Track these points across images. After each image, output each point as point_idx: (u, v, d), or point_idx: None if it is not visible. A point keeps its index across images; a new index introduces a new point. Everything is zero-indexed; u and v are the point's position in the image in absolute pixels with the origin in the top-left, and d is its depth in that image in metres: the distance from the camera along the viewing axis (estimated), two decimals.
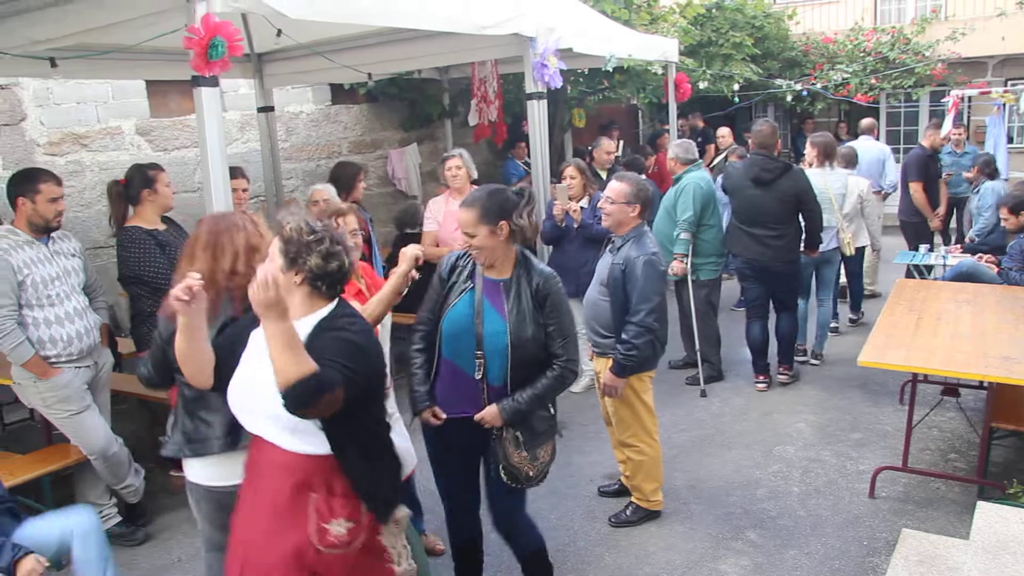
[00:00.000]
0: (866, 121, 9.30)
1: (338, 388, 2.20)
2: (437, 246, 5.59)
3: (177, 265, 2.79)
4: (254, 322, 2.42)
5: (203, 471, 2.84)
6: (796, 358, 6.43)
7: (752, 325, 6.10)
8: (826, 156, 6.49)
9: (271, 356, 2.17)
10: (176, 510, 4.48)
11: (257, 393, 2.38)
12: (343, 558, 2.37)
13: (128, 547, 4.18)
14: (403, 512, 2.59)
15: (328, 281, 2.44)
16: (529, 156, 6.23)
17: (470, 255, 3.13)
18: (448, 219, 5.51)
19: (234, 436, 2.76)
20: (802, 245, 5.95)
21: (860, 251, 7.22)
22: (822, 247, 6.15)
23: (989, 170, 7.85)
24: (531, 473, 3.09)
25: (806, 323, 6.61)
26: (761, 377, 6.12)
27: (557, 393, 3.14)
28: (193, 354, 2.48)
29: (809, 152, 6.58)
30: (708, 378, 6.18)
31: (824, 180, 6.31)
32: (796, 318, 6.28)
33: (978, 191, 7.75)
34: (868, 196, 6.99)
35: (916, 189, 7.85)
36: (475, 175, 5.66)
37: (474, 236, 3.00)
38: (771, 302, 6.13)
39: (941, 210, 8.37)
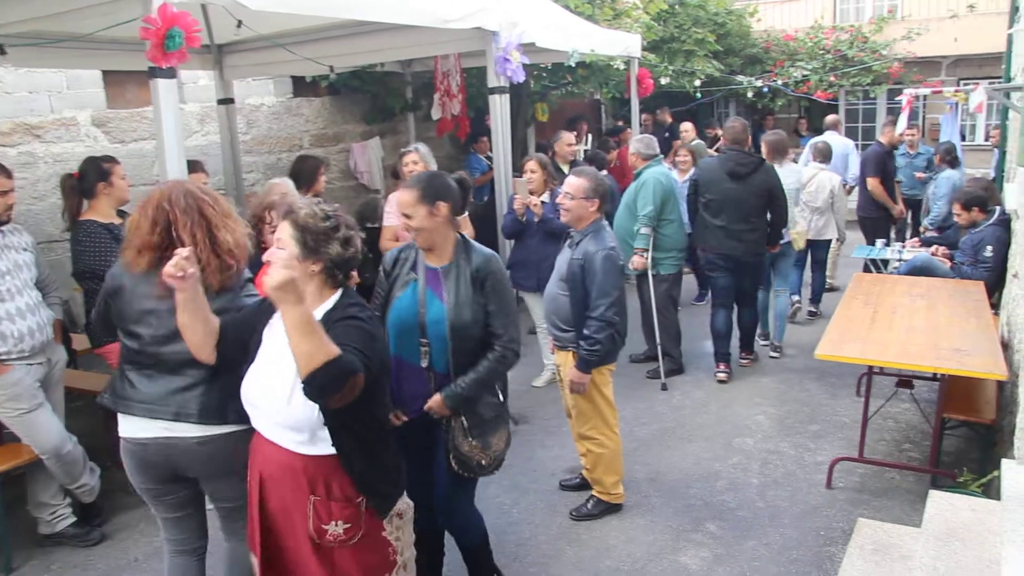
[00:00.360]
0: (830, 117, 9.66)
1: (360, 373, 2.16)
2: (397, 240, 5.56)
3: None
4: (267, 310, 2.43)
5: (125, 424, 2.86)
6: (762, 342, 6.74)
7: (718, 315, 6.23)
8: (776, 153, 6.63)
9: (291, 343, 2.08)
10: (133, 509, 4.40)
11: (278, 401, 2.36)
12: (343, 548, 2.42)
13: (83, 548, 4.10)
14: (406, 504, 2.59)
15: (345, 269, 2.44)
16: (491, 150, 6.22)
17: (412, 245, 3.15)
18: None
19: (163, 407, 2.76)
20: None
21: (827, 243, 7.55)
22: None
23: (950, 158, 8.05)
24: (484, 461, 3.09)
25: (767, 313, 6.86)
26: (722, 366, 6.23)
27: (500, 375, 3.14)
28: (194, 327, 2.48)
29: (763, 150, 6.68)
30: (669, 371, 6.23)
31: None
32: (757, 309, 6.47)
33: (935, 179, 7.94)
34: (838, 191, 7.30)
35: (874, 184, 7.99)
36: (435, 169, 5.62)
37: (412, 217, 3.01)
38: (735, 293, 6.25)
39: (900, 204, 8.53)
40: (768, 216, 6.04)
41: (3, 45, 4.65)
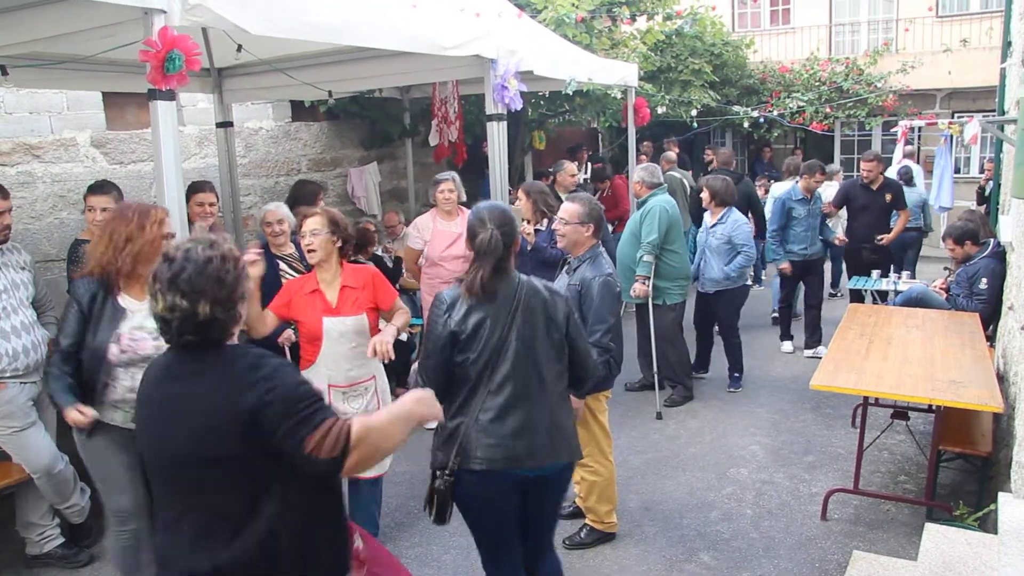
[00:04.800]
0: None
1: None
2: (416, 263, 5.73)
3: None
4: None
5: None
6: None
7: None
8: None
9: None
10: None
11: None
12: None
13: (71, 569, 4.06)
14: None
15: (201, 333, 2.02)
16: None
17: None
18: (437, 238, 5.61)
19: None
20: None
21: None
22: None
23: (907, 178, 8.84)
24: None
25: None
26: None
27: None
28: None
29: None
30: (682, 399, 6.32)
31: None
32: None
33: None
34: None
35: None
36: (464, 198, 5.73)
37: None
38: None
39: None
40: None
41: (5, 66, 4.68)
